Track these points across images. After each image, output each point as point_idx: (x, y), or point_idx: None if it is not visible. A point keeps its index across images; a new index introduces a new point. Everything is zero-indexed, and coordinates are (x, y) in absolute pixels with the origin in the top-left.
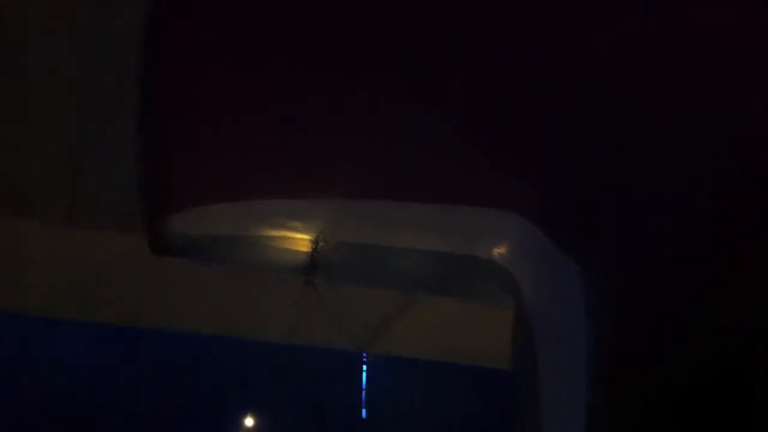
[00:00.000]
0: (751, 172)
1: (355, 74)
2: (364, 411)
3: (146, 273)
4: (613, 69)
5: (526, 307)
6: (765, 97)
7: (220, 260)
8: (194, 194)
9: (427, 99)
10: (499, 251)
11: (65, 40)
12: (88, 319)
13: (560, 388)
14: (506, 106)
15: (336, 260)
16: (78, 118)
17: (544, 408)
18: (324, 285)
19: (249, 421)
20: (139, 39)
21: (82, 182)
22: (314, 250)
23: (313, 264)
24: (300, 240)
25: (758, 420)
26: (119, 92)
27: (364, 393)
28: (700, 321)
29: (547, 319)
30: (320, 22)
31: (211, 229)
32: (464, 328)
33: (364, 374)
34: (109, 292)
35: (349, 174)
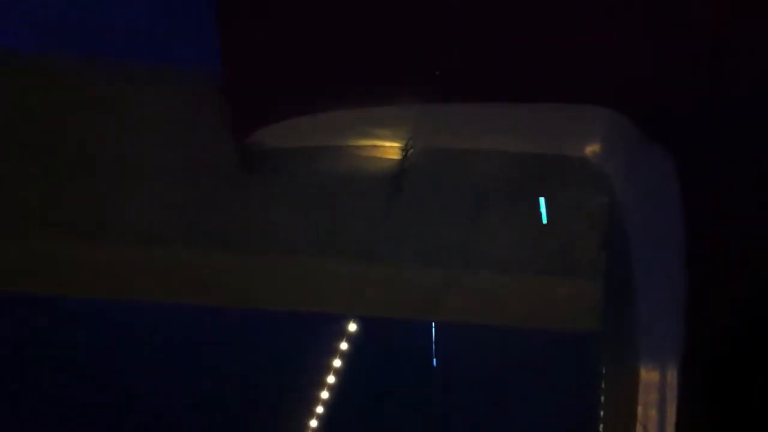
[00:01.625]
0: None
1: None
2: (434, 360)
3: None
4: None
5: (618, 204)
6: None
7: (310, 172)
8: (281, 109)
9: None
10: (590, 149)
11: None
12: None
13: (656, 282)
14: None
15: (424, 166)
16: None
17: (640, 304)
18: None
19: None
20: None
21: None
22: (404, 156)
23: (404, 170)
24: (388, 148)
25: None
26: None
27: (434, 346)
28: None
29: (641, 213)
30: None
31: (299, 141)
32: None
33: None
34: None
35: (434, 78)
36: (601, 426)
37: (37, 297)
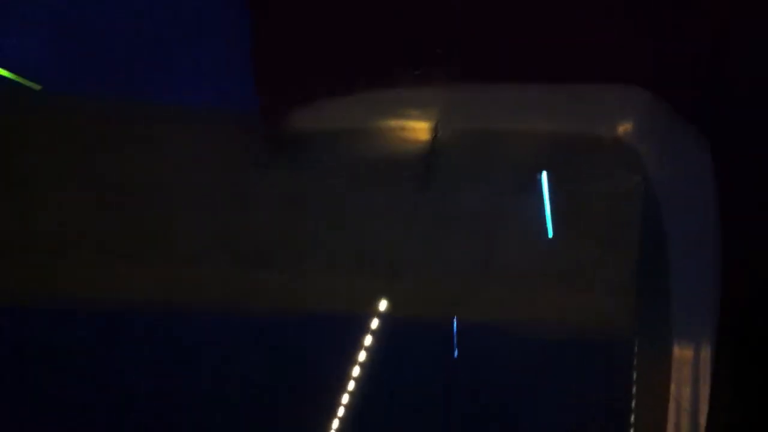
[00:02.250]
0: None
1: None
2: (456, 352)
3: None
4: None
5: (652, 184)
6: None
7: (339, 154)
8: (310, 90)
9: None
10: (623, 129)
11: None
12: None
13: (691, 260)
14: None
15: (455, 147)
16: None
17: (674, 281)
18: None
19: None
20: None
21: None
22: (434, 138)
23: (434, 152)
24: (418, 129)
25: None
26: None
27: (455, 338)
28: None
29: (674, 192)
30: None
31: (329, 123)
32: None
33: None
34: None
35: (463, 57)
36: (634, 402)
37: (37, 297)
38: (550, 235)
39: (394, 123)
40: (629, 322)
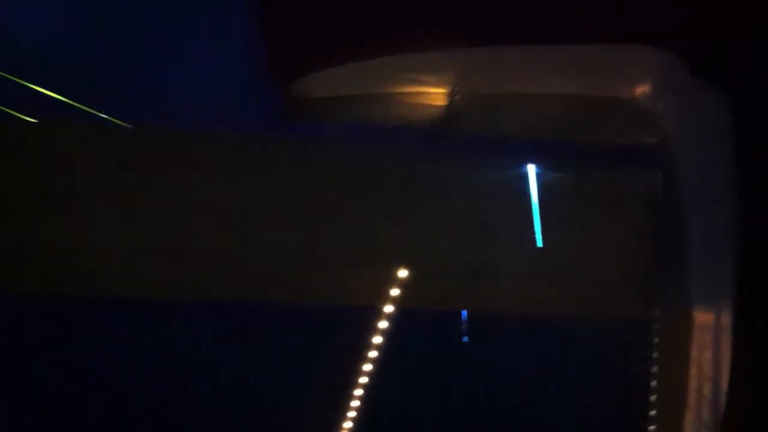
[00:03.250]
0: None
1: None
2: (465, 338)
3: None
4: None
5: (669, 142)
6: None
7: (354, 120)
8: (323, 56)
9: None
10: (640, 90)
11: None
12: None
13: (709, 224)
14: None
15: (472, 111)
16: None
17: (693, 246)
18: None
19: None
20: None
21: None
22: (450, 102)
23: (450, 116)
24: (433, 94)
25: None
26: None
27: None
28: None
29: (692, 149)
30: None
31: (342, 89)
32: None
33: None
34: None
35: (478, 20)
36: (656, 368)
37: (37, 297)
38: (539, 233)
39: (410, 88)
40: (647, 300)
